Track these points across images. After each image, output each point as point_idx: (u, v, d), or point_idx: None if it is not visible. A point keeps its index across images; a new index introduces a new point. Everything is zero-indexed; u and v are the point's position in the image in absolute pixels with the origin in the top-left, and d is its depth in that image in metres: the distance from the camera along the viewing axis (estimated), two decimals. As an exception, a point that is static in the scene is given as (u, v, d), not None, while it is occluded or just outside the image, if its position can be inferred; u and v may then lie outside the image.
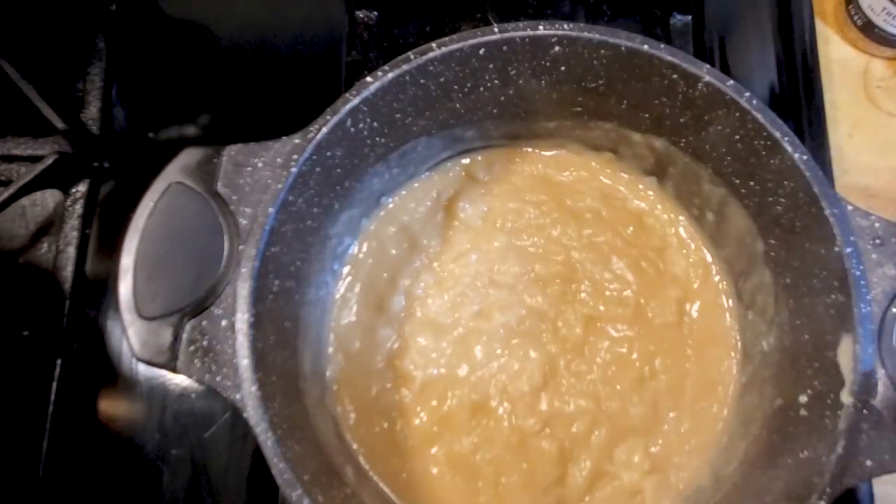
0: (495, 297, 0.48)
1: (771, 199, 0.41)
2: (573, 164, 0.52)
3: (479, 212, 0.50)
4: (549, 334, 0.48)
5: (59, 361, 0.50)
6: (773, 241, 0.43)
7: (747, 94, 0.39)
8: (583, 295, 0.48)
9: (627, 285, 0.49)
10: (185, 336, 0.38)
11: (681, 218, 0.50)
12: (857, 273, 0.37)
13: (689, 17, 0.58)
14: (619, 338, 0.48)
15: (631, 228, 0.50)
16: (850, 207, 0.38)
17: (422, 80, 0.42)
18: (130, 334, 0.38)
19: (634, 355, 0.47)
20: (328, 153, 0.41)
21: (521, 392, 0.46)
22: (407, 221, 0.50)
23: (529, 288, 0.49)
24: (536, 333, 0.48)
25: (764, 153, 0.40)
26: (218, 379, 0.37)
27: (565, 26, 0.41)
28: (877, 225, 0.38)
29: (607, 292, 0.49)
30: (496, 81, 0.44)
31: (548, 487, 0.45)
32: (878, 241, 0.37)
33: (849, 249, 0.37)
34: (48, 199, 0.54)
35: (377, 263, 0.49)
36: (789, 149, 0.39)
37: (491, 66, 0.42)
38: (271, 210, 0.38)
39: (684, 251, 0.50)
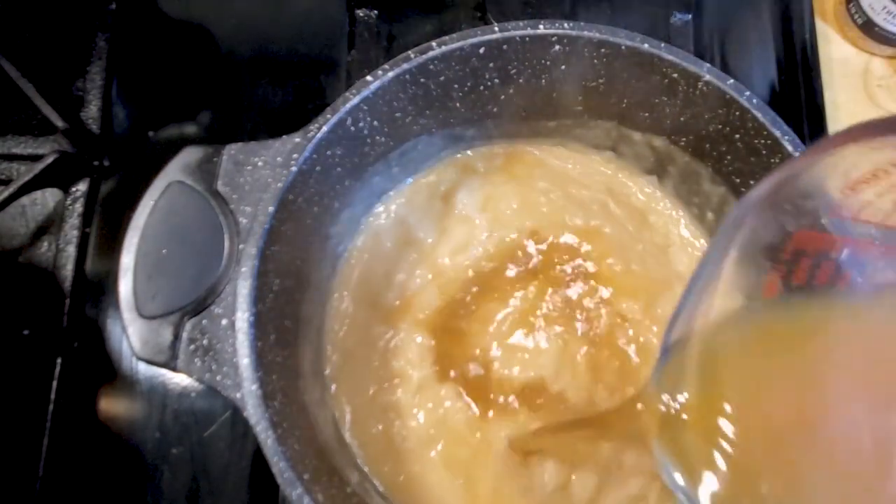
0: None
1: (771, 198, 0.41)
2: (573, 162, 0.51)
3: (477, 203, 0.50)
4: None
5: (59, 360, 0.50)
6: (773, 240, 0.43)
7: (747, 93, 0.39)
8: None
9: (634, 280, 0.48)
10: (185, 335, 0.38)
11: (682, 216, 0.50)
12: (858, 272, 0.37)
13: (690, 16, 0.58)
14: (624, 336, 0.48)
15: (634, 225, 0.50)
16: (850, 206, 0.38)
17: (422, 79, 0.42)
18: (130, 333, 0.38)
19: (638, 356, 0.47)
20: (328, 152, 0.41)
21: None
22: (404, 215, 0.50)
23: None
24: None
25: (764, 152, 0.40)
26: (218, 378, 0.37)
27: (565, 25, 0.41)
28: (877, 224, 0.38)
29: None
30: (496, 80, 0.44)
31: (550, 493, 0.44)
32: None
33: (849, 248, 0.37)
34: (48, 197, 0.54)
35: (374, 259, 0.49)
36: (789, 148, 0.39)
37: (491, 65, 0.42)
38: (271, 209, 0.38)
39: (689, 249, 0.49)
